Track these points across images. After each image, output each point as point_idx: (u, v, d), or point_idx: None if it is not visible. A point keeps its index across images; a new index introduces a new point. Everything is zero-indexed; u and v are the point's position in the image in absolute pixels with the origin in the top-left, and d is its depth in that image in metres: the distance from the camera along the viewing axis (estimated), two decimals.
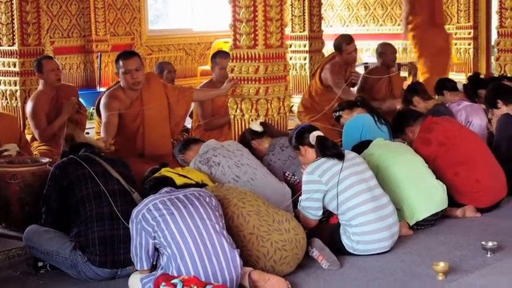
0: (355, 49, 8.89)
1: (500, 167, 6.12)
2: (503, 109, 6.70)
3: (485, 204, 5.92)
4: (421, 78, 10.36)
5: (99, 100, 6.63)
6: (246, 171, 5.49)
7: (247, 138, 6.14)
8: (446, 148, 6.00)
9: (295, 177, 5.76)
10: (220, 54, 7.75)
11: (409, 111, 6.73)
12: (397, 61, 9.91)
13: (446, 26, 14.22)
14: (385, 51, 9.28)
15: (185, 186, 4.66)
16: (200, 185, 4.76)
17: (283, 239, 4.61)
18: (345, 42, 8.84)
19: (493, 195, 5.98)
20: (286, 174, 5.84)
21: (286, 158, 5.86)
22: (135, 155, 6.49)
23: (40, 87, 7.75)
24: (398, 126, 6.42)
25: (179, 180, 4.79)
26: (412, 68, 9.77)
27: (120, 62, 6.37)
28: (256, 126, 6.15)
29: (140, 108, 6.46)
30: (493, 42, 12.10)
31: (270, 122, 6.39)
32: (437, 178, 5.70)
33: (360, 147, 5.79)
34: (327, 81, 8.77)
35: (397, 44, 12.49)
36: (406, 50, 14.52)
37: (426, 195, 5.52)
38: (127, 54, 6.58)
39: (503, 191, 6.09)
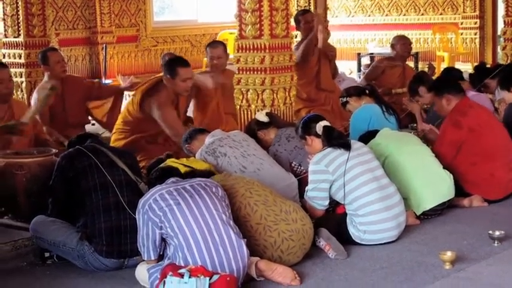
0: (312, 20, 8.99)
1: None
2: None
3: (495, 197, 5.90)
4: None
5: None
6: (253, 161, 5.48)
7: (253, 129, 6.13)
8: (475, 135, 5.93)
9: (302, 168, 5.75)
10: (209, 44, 7.89)
11: (458, 81, 6.60)
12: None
13: (453, 16, 14.24)
14: (399, 43, 9.38)
15: (192, 173, 4.66)
16: (207, 173, 4.75)
17: (290, 229, 4.60)
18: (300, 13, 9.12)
19: (504, 190, 5.96)
20: (293, 165, 5.84)
21: (292, 148, 5.85)
22: None
23: (45, 79, 7.75)
24: (443, 83, 6.32)
25: (188, 163, 4.81)
26: (430, 68, 9.81)
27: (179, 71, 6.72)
28: (262, 117, 6.14)
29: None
30: (499, 32, 12.07)
31: (276, 112, 6.38)
32: (444, 168, 5.69)
33: (367, 137, 5.77)
34: None
35: (408, 35, 12.42)
36: (419, 40, 14.51)
37: (433, 184, 5.51)
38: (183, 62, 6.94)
39: None
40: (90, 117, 8.19)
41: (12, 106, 6.57)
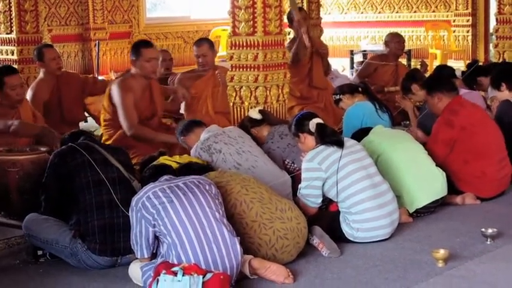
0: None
1: (508, 160, 6.09)
2: (505, 93, 6.68)
3: (488, 195, 5.92)
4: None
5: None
6: (247, 158, 5.47)
7: (246, 126, 6.12)
8: (467, 134, 5.94)
9: (295, 165, 5.75)
10: (195, 42, 7.93)
11: (451, 79, 6.61)
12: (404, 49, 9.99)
13: (445, 13, 14.25)
14: (392, 41, 9.39)
15: (189, 165, 4.65)
16: (204, 168, 4.75)
17: (285, 228, 4.60)
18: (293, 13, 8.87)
19: (497, 187, 5.97)
20: (286, 162, 5.84)
21: (285, 145, 5.85)
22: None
23: (41, 75, 7.73)
24: (434, 81, 6.34)
25: (181, 161, 4.82)
26: (422, 65, 9.80)
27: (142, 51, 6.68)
28: (255, 114, 6.14)
29: None
30: (491, 29, 12.08)
31: (269, 109, 6.38)
32: (437, 165, 5.69)
33: (360, 135, 5.78)
34: None
35: (401, 32, 12.43)
36: (412, 38, 14.51)
37: (426, 182, 5.52)
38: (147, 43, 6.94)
39: (506, 183, 6.07)
40: (86, 114, 8.16)
41: (18, 110, 6.55)
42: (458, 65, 11.69)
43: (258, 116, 6.13)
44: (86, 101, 7.96)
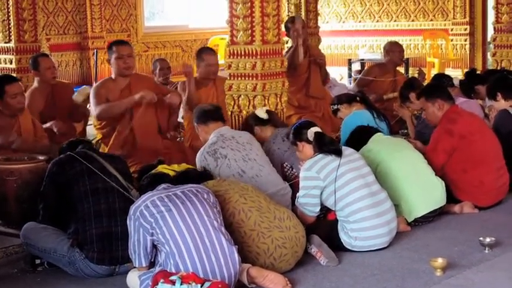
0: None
1: (506, 169, 6.09)
2: (501, 103, 6.69)
3: (486, 204, 5.91)
4: None
5: None
6: (252, 166, 5.47)
7: (250, 123, 6.13)
8: (466, 142, 5.93)
9: (293, 171, 5.75)
10: (205, 50, 7.77)
11: (447, 88, 6.66)
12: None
13: (443, 22, 14.29)
14: (393, 50, 9.38)
15: (187, 174, 4.68)
16: (202, 176, 4.75)
17: (283, 237, 4.60)
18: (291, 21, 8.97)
19: (494, 196, 5.97)
20: (284, 165, 5.84)
21: (286, 148, 5.85)
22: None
23: (35, 84, 7.72)
24: (434, 88, 6.36)
25: (179, 169, 4.82)
26: (420, 73, 9.81)
27: (114, 48, 6.79)
28: (262, 113, 6.15)
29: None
30: (489, 38, 12.10)
31: None
32: (436, 174, 5.69)
33: (359, 133, 5.78)
34: None
35: (399, 41, 12.44)
36: (410, 46, 14.54)
37: (425, 191, 5.51)
38: (121, 41, 7.16)
39: (504, 192, 6.07)
40: None
41: (18, 119, 6.55)
42: (456, 74, 11.69)
43: (264, 116, 6.14)
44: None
